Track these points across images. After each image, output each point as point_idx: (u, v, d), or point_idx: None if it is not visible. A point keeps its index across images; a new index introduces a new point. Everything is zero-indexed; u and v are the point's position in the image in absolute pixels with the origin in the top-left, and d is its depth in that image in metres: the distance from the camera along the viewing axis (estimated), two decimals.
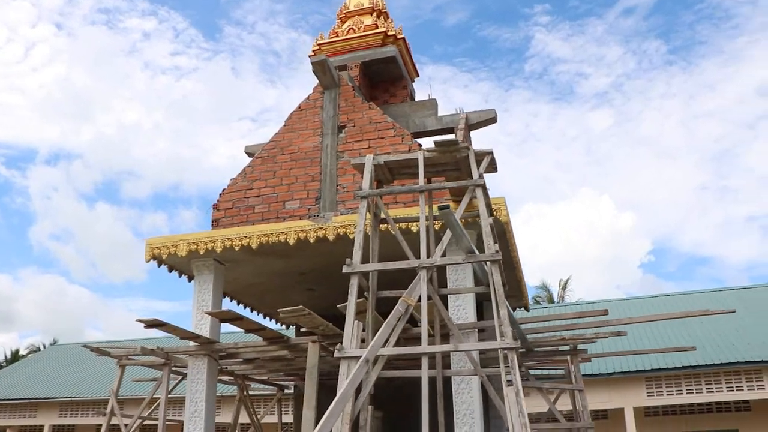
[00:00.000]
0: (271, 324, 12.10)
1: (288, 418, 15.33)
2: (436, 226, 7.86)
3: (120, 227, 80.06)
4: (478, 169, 7.12)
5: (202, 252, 9.36)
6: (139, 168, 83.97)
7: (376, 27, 11.52)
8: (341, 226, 8.85)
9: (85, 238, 78.13)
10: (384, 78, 11.60)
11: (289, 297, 11.44)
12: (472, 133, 10.95)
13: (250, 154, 11.93)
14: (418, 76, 12.37)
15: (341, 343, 6.38)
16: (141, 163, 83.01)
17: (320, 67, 10.00)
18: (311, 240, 8.93)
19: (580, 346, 9.50)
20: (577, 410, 9.63)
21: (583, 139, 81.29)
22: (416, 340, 8.28)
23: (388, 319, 6.29)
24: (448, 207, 6.11)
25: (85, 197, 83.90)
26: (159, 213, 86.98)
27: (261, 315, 12.49)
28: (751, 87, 71.57)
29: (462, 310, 8.20)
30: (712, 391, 18.19)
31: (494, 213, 7.96)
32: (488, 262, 6.53)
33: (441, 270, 8.03)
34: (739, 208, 74.18)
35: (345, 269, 6.77)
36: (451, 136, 7.19)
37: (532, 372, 10.96)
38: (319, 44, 11.64)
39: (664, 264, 75.44)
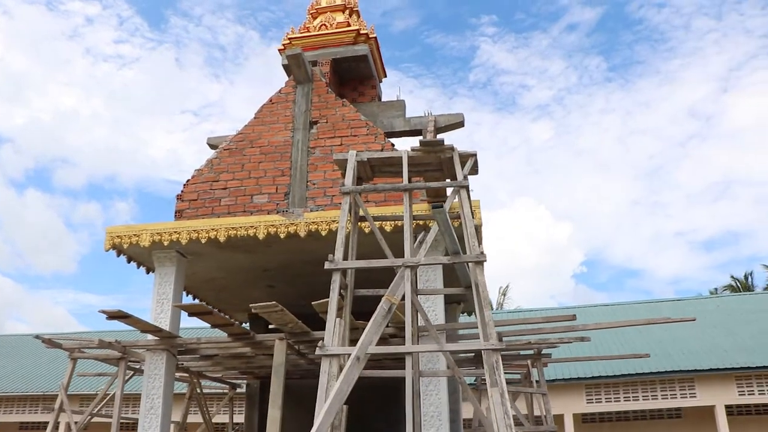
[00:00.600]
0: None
1: (239, 418, 15.01)
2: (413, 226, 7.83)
3: (51, 216, 77.10)
4: (462, 170, 7.13)
5: (166, 243, 9.07)
6: (73, 156, 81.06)
7: (348, 24, 11.44)
8: (313, 222, 8.73)
9: (13, 226, 74.82)
10: (354, 76, 11.52)
11: (248, 293, 11.21)
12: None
13: (212, 146, 11.68)
14: (386, 76, 12.36)
15: (321, 341, 6.26)
16: (76, 151, 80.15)
17: (295, 61, 9.86)
18: (281, 235, 8.77)
19: (544, 351, 9.67)
20: (541, 414, 9.78)
21: (524, 150, 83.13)
22: (384, 340, 8.26)
23: (374, 316, 6.22)
24: (441, 206, 6.08)
25: (15, 183, 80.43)
26: (93, 203, 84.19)
27: (216, 311, 12.16)
28: (683, 107, 74.79)
29: (432, 311, 8.21)
30: (648, 399, 18.83)
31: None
32: (470, 264, 6.55)
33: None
34: (668, 224, 77.28)
35: (327, 265, 6.66)
36: (429, 137, 7.18)
37: None
38: (290, 38, 11.46)
39: (595, 275, 77.80)
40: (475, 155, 7.28)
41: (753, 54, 69.69)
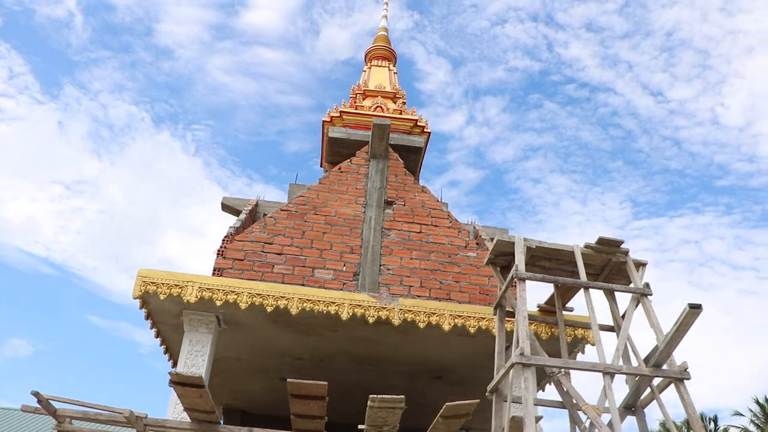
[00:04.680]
0: None
1: None
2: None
3: None
4: (637, 277, 6.53)
5: (218, 303, 7.34)
6: None
7: (401, 113, 10.86)
8: (409, 311, 7.51)
9: None
10: None
11: (247, 384, 9.39)
12: None
13: (227, 207, 10.17)
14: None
15: None
16: None
17: (380, 132, 8.99)
18: (370, 320, 7.43)
19: None
20: None
21: None
22: None
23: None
24: (700, 306, 5.36)
25: None
26: None
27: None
28: None
29: None
30: None
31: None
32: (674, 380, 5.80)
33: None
34: None
35: (517, 359, 5.57)
36: (613, 236, 6.57)
37: None
38: (340, 111, 10.60)
39: None
40: (646, 264, 6.73)
41: None
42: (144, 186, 72.11)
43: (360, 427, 6.68)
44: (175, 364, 9.21)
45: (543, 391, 8.59)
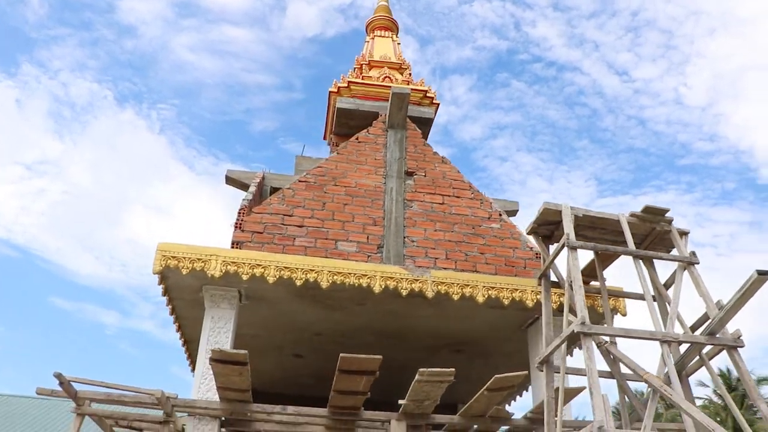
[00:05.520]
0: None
1: None
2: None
3: None
4: (683, 246, 6.42)
5: (245, 277, 7.00)
6: None
7: (408, 83, 10.56)
8: (442, 282, 7.29)
9: None
10: None
11: (257, 361, 9.03)
12: None
13: (232, 180, 9.74)
14: None
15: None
16: None
17: (399, 101, 8.69)
18: (403, 292, 7.19)
19: None
20: None
21: None
22: None
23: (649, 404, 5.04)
24: (767, 272, 5.25)
25: None
26: None
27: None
28: None
29: None
30: None
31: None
32: (727, 347, 5.72)
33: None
34: None
35: (578, 328, 5.40)
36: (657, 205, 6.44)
37: None
38: (348, 82, 10.24)
39: None
40: (688, 233, 6.62)
41: None
42: (108, 165, 70.30)
43: (400, 401, 6.49)
44: (186, 343, 8.87)
45: (571, 356, 8.48)
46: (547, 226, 6.79)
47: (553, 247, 6.78)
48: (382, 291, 7.17)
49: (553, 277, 7.11)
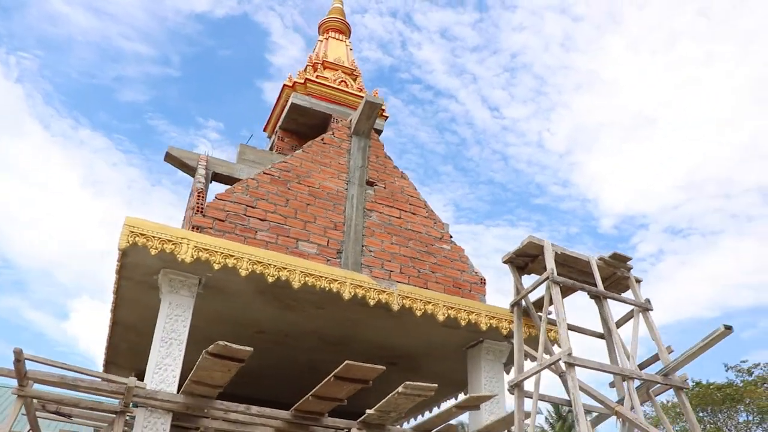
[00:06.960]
0: None
1: None
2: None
3: None
4: (639, 292, 7.05)
5: (216, 266, 6.70)
6: None
7: (362, 90, 10.62)
8: (408, 297, 7.42)
9: None
10: None
11: (189, 354, 8.60)
12: None
13: (172, 158, 9.24)
14: None
15: None
16: None
17: (370, 110, 8.75)
18: (370, 302, 7.22)
19: None
20: None
21: None
22: None
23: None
24: (731, 328, 5.89)
25: None
26: None
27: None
28: None
29: None
30: None
31: None
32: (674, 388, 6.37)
33: None
34: None
35: (564, 358, 5.78)
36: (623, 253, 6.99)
37: None
38: (305, 79, 10.10)
39: None
40: (641, 281, 7.28)
41: None
42: None
43: (369, 411, 6.52)
44: (115, 324, 8.23)
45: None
46: (524, 258, 7.15)
47: (526, 278, 7.16)
48: (351, 298, 7.16)
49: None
